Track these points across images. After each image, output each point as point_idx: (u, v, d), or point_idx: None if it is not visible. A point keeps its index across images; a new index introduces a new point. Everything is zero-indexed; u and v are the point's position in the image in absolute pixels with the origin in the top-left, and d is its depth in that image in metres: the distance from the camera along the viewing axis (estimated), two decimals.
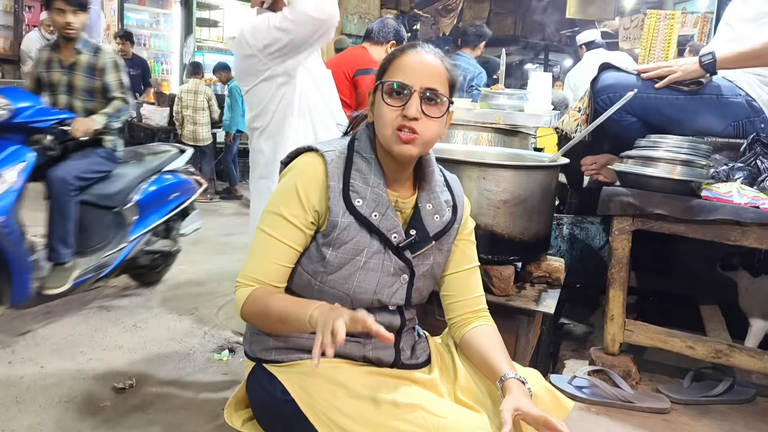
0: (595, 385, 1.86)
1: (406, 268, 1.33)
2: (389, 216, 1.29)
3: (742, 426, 1.80)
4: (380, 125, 1.27)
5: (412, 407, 1.20)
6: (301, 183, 1.28)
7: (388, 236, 1.30)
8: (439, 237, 1.36)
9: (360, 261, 1.29)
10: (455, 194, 1.42)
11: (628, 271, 1.98)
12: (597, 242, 2.67)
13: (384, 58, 1.32)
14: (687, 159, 1.85)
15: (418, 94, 1.24)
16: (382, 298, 1.33)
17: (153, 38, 9.27)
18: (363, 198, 1.28)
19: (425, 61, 1.27)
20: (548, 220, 2.04)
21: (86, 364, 2.80)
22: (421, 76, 1.24)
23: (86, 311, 3.43)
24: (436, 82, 1.26)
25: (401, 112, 1.24)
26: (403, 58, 1.27)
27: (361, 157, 1.31)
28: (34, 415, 2.35)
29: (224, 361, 2.94)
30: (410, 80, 1.24)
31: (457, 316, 1.45)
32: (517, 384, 1.24)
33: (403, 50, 1.29)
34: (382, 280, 1.31)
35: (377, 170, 1.31)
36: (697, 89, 2.10)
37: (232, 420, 1.46)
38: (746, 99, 2.10)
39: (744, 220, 1.76)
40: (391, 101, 1.24)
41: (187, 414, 2.45)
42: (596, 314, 2.58)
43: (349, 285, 1.30)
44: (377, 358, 1.35)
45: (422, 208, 1.35)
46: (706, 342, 1.90)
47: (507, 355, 1.35)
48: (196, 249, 4.90)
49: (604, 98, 2.19)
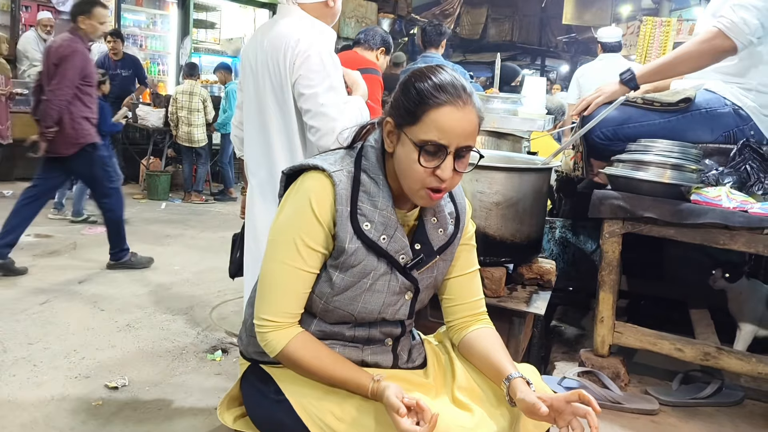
0: (585, 386, 1.88)
1: (412, 286, 1.33)
2: (397, 237, 1.27)
3: (729, 428, 1.82)
4: (407, 178, 1.21)
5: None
6: (315, 205, 1.23)
7: (396, 258, 1.28)
8: (443, 250, 1.35)
9: (366, 283, 1.28)
10: (458, 204, 1.39)
11: (619, 274, 2.00)
12: (589, 246, 2.69)
13: (415, 96, 1.20)
14: (677, 163, 1.87)
15: (453, 155, 1.18)
16: (387, 316, 1.33)
17: (150, 39, 9.28)
18: (371, 222, 1.24)
19: (465, 117, 1.18)
20: (540, 222, 2.06)
21: (79, 363, 2.81)
22: (458, 135, 1.17)
23: (79, 311, 3.43)
24: (471, 138, 1.20)
25: (434, 171, 1.18)
26: (441, 113, 1.17)
27: (368, 177, 1.26)
28: (26, 414, 2.36)
29: (217, 361, 2.95)
30: (448, 140, 1.17)
31: (457, 319, 1.44)
32: (524, 383, 1.25)
33: (439, 99, 1.17)
34: (387, 300, 1.31)
35: (386, 191, 1.26)
36: (686, 107, 2.13)
37: (224, 417, 1.47)
38: (733, 108, 2.12)
39: (732, 224, 1.78)
40: (425, 162, 1.18)
41: (179, 413, 2.46)
42: (587, 317, 2.60)
43: (354, 306, 1.29)
44: (375, 362, 1.35)
45: (426, 222, 1.33)
46: (694, 344, 1.91)
47: (508, 356, 1.34)
48: (191, 250, 4.91)
49: (598, 134, 2.22)
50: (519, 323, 1.91)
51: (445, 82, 1.19)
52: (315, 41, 1.91)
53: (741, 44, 1.99)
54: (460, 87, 1.19)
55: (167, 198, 6.95)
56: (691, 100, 2.11)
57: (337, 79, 1.93)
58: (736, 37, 1.98)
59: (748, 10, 1.96)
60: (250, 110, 2.08)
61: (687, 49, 2.09)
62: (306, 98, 1.89)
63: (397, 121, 1.22)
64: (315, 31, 1.97)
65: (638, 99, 2.22)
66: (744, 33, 1.97)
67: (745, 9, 1.96)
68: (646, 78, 2.13)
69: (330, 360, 1.27)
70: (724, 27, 1.99)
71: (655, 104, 2.16)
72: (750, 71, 2.11)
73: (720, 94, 2.14)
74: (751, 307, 2.15)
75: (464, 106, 1.18)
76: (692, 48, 2.07)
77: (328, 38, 2.00)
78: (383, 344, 1.38)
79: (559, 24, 12.55)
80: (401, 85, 1.25)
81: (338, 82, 1.94)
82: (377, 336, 1.36)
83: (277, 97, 1.97)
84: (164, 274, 4.21)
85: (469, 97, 1.19)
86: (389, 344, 1.38)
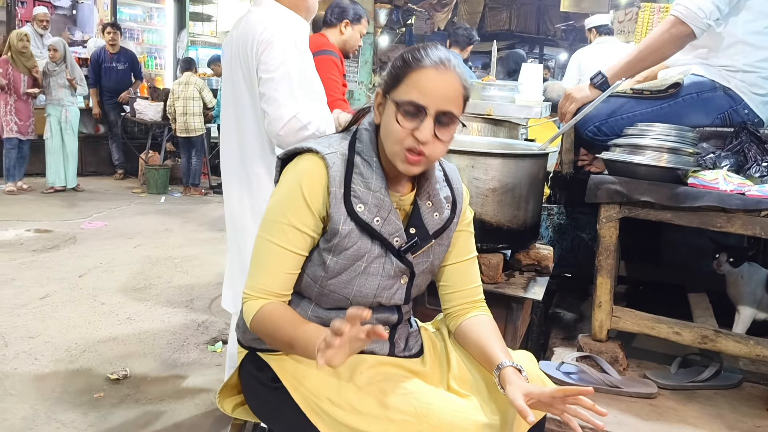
0: (583, 371, 1.88)
1: (407, 269, 1.33)
2: (391, 220, 1.27)
3: (728, 410, 1.82)
4: (388, 139, 1.22)
5: (401, 395, 1.22)
6: (306, 188, 1.24)
7: (390, 240, 1.28)
8: (439, 234, 1.35)
9: (361, 266, 1.28)
10: (454, 188, 1.38)
11: (616, 259, 2.00)
12: (587, 232, 2.69)
13: (399, 63, 1.22)
14: (674, 147, 1.86)
15: (432, 117, 1.19)
16: (382, 301, 1.33)
17: (146, 33, 9.25)
18: (365, 203, 1.24)
19: (445, 80, 1.19)
20: (537, 208, 2.05)
21: (80, 355, 2.82)
22: (438, 98, 1.18)
23: (80, 305, 3.44)
24: (453, 104, 1.20)
25: (413, 132, 1.19)
26: (421, 73, 1.19)
27: (362, 159, 1.27)
28: (27, 406, 2.37)
29: (218, 352, 2.96)
30: (426, 101, 1.18)
31: (454, 307, 1.44)
32: (515, 372, 1.24)
33: (422, 62, 1.19)
34: (383, 284, 1.31)
35: (379, 173, 1.26)
36: (675, 92, 2.14)
37: (223, 405, 1.48)
38: (723, 89, 2.14)
39: (729, 207, 1.77)
40: (403, 121, 1.19)
41: (180, 403, 2.47)
42: (586, 303, 2.60)
43: (349, 289, 1.29)
44: (371, 350, 1.35)
45: (422, 205, 1.32)
46: (692, 328, 1.91)
47: (503, 344, 1.34)
48: (190, 243, 4.92)
49: (590, 128, 2.24)
50: (517, 309, 1.91)
51: (430, 49, 1.22)
52: (280, 30, 1.94)
53: (698, 29, 2.04)
54: (445, 57, 1.21)
55: (167, 192, 6.96)
56: (680, 85, 2.13)
57: (296, 68, 1.95)
58: (692, 22, 2.03)
59: None
60: (226, 100, 2.12)
61: (650, 40, 2.14)
62: (262, 83, 1.93)
63: (384, 90, 1.25)
64: (284, 20, 2.00)
65: (627, 90, 2.23)
66: (699, 18, 2.02)
67: None
68: (618, 77, 2.14)
69: (293, 322, 1.24)
70: (680, 14, 2.05)
71: (645, 93, 2.18)
72: (730, 53, 2.14)
73: (708, 77, 2.16)
74: (750, 290, 2.15)
75: (446, 71, 1.19)
76: (655, 38, 2.13)
77: (297, 29, 2.02)
78: None
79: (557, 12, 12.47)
80: (392, 59, 1.27)
81: (298, 73, 1.96)
82: (374, 323, 1.36)
83: (248, 86, 2.00)
84: (164, 268, 4.22)
85: (449, 62, 1.21)
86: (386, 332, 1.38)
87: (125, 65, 7.40)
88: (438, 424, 1.18)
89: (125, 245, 4.69)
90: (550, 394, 1.17)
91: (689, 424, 1.72)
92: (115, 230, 5.13)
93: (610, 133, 2.17)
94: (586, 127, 2.24)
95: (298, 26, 2.03)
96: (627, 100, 2.22)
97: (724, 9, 2.04)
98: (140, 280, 3.91)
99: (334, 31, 3.11)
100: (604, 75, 2.18)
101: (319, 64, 2.59)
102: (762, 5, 2.09)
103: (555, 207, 2.70)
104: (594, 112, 2.10)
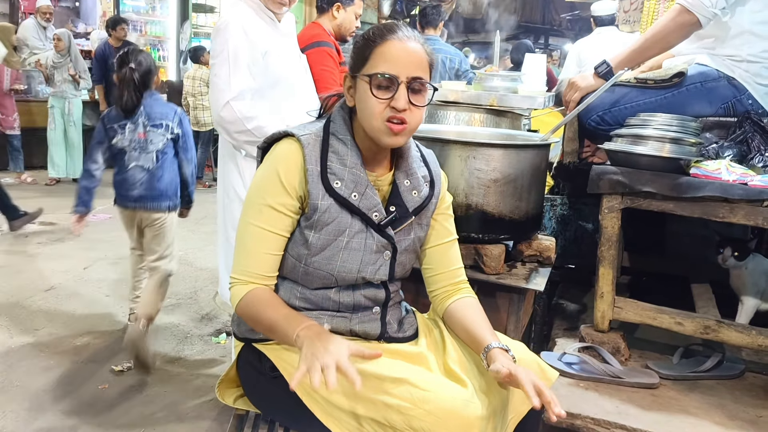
0: (585, 362, 1.88)
1: (389, 244, 1.35)
2: (369, 195, 1.31)
3: (729, 400, 1.82)
4: (367, 116, 1.27)
5: (397, 381, 1.22)
6: (282, 170, 1.29)
7: (369, 215, 1.31)
8: (419, 212, 1.38)
9: (342, 241, 1.31)
10: (431, 169, 1.43)
11: (619, 249, 1.99)
12: (590, 223, 2.68)
13: (361, 43, 1.29)
14: (676, 137, 1.85)
15: (405, 84, 1.24)
16: (366, 276, 1.35)
17: (149, 25, 9.22)
18: (341, 179, 1.28)
19: (409, 49, 1.25)
20: (539, 199, 2.04)
21: (85, 347, 2.84)
22: (406, 66, 1.24)
23: (84, 297, 3.46)
24: (421, 70, 1.26)
25: (389, 103, 1.24)
26: (385, 46, 1.25)
27: (336, 138, 1.31)
28: (33, 398, 2.39)
29: (222, 344, 2.97)
30: (396, 71, 1.23)
31: (438, 289, 1.48)
32: (502, 352, 1.27)
33: (384, 36, 1.26)
34: (366, 258, 1.33)
35: (354, 151, 1.31)
36: (679, 81, 2.13)
37: (224, 397, 1.48)
38: (727, 79, 2.12)
39: (732, 197, 1.76)
40: (378, 94, 1.24)
41: (184, 394, 2.48)
42: (589, 295, 2.60)
43: (333, 265, 1.32)
44: (364, 331, 1.37)
45: (400, 184, 1.36)
46: (694, 318, 1.91)
47: (489, 326, 1.37)
48: (195, 235, 4.93)
49: (595, 118, 2.24)
50: (519, 300, 1.90)
51: (387, 24, 1.30)
52: (230, 18, 2.03)
53: (704, 17, 2.03)
54: (402, 26, 1.29)
55: None
56: (684, 74, 2.12)
57: (240, 55, 2.02)
58: (698, 11, 2.03)
59: None
60: None
61: (656, 29, 2.14)
62: (210, 69, 2.06)
63: (352, 71, 1.30)
64: (240, 10, 2.07)
65: (631, 79, 2.22)
66: (705, 7, 2.01)
67: None
68: (623, 65, 2.14)
69: (275, 307, 1.29)
70: (686, 3, 2.04)
71: (648, 82, 2.17)
72: (736, 43, 2.12)
73: (712, 66, 2.14)
74: (754, 281, 2.14)
75: (408, 40, 1.26)
76: (660, 27, 2.12)
77: (251, 17, 2.09)
78: (371, 312, 1.39)
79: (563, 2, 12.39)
80: (353, 43, 1.34)
81: (248, 60, 2.03)
82: (362, 302, 1.38)
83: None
84: None
85: (410, 32, 1.28)
86: (377, 313, 1.40)
87: None
88: (434, 409, 1.18)
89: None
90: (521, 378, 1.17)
91: (691, 414, 1.72)
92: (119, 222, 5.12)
93: (614, 123, 2.16)
94: (589, 117, 2.24)
95: (253, 14, 2.10)
96: (631, 89, 2.20)
97: None
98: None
99: (327, 17, 3.02)
100: (608, 64, 2.17)
101: (311, 58, 2.60)
102: None
103: (558, 198, 2.69)
104: (597, 101, 2.09)
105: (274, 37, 2.14)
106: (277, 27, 2.17)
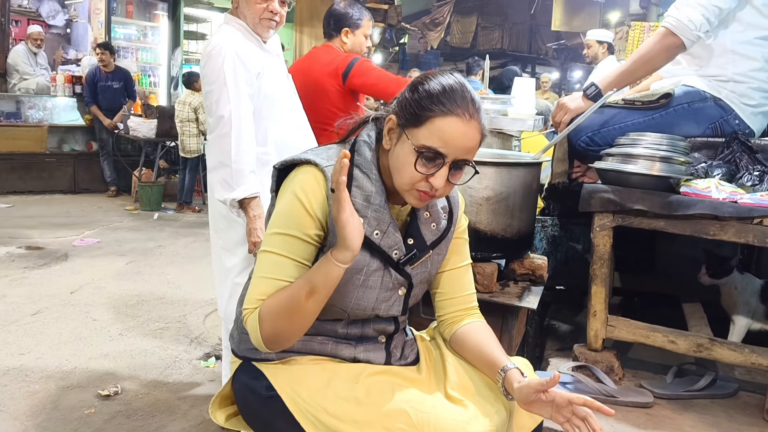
0: (579, 381, 1.87)
1: (405, 281, 1.32)
2: (391, 233, 1.26)
3: (724, 419, 1.81)
4: (399, 177, 1.21)
5: (398, 405, 1.20)
6: (307, 201, 1.22)
7: (390, 253, 1.28)
8: (436, 245, 1.35)
9: (359, 279, 1.27)
10: (451, 198, 1.39)
11: (610, 268, 2.00)
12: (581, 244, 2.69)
13: (422, 95, 1.19)
14: (666, 155, 1.87)
15: (449, 165, 1.19)
16: (380, 313, 1.32)
17: (141, 51, 9.28)
18: (364, 217, 1.23)
19: (469, 133, 1.17)
20: (531, 218, 2.06)
21: (71, 372, 2.79)
22: (458, 148, 1.17)
23: (71, 321, 3.41)
24: (471, 154, 1.20)
25: (427, 177, 1.18)
26: (446, 122, 1.16)
27: (361, 172, 1.25)
28: (18, 423, 2.33)
29: (211, 368, 2.93)
30: (446, 151, 1.17)
31: (448, 314, 1.43)
32: (519, 374, 1.25)
33: (447, 108, 1.16)
34: (380, 296, 1.30)
35: (378, 187, 1.25)
36: (666, 102, 2.16)
37: (215, 416, 1.45)
38: (713, 99, 2.16)
39: (722, 215, 1.78)
40: (420, 167, 1.17)
41: (172, 419, 2.44)
42: (581, 315, 2.60)
43: (347, 302, 1.28)
44: (367, 360, 1.34)
45: (419, 216, 1.33)
46: (687, 336, 1.91)
47: (502, 349, 1.34)
48: (183, 259, 4.89)
49: (584, 139, 2.26)
50: (511, 318, 1.90)
51: (455, 90, 1.18)
52: (221, 43, 2.03)
53: (688, 40, 2.07)
54: (470, 99, 1.18)
55: (160, 209, 6.93)
56: (671, 95, 2.15)
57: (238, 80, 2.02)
58: (683, 34, 2.06)
59: (692, 8, 2.05)
60: None
61: (642, 52, 2.17)
62: (204, 97, 2.09)
63: (401, 121, 1.22)
64: (230, 34, 2.08)
65: (619, 101, 2.25)
66: (689, 29, 2.05)
67: (690, 6, 2.05)
68: (611, 87, 2.17)
69: (284, 290, 1.20)
70: (670, 26, 2.08)
71: (636, 103, 2.20)
72: (720, 62, 2.16)
73: (698, 87, 2.18)
74: (744, 300, 2.15)
75: (470, 120, 1.17)
76: (646, 49, 2.16)
77: (243, 41, 2.09)
78: (376, 341, 1.37)
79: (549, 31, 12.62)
80: (411, 86, 1.24)
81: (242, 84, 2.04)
82: (370, 333, 1.35)
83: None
84: (156, 284, 4.19)
85: (476, 111, 1.18)
86: (382, 341, 1.38)
87: (120, 84, 7.41)
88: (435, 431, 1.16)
89: (117, 262, 4.66)
90: (568, 397, 1.17)
91: None
92: (107, 247, 5.10)
93: (603, 144, 2.18)
94: (578, 138, 2.26)
95: (241, 37, 2.10)
96: (619, 110, 2.23)
97: (714, 21, 2.07)
98: (132, 296, 3.88)
99: (337, 42, 2.99)
100: (597, 86, 2.20)
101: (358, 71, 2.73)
102: (752, 17, 2.12)
103: (549, 219, 2.70)
104: (587, 122, 2.11)
105: (264, 58, 2.15)
106: (265, 48, 2.18)
